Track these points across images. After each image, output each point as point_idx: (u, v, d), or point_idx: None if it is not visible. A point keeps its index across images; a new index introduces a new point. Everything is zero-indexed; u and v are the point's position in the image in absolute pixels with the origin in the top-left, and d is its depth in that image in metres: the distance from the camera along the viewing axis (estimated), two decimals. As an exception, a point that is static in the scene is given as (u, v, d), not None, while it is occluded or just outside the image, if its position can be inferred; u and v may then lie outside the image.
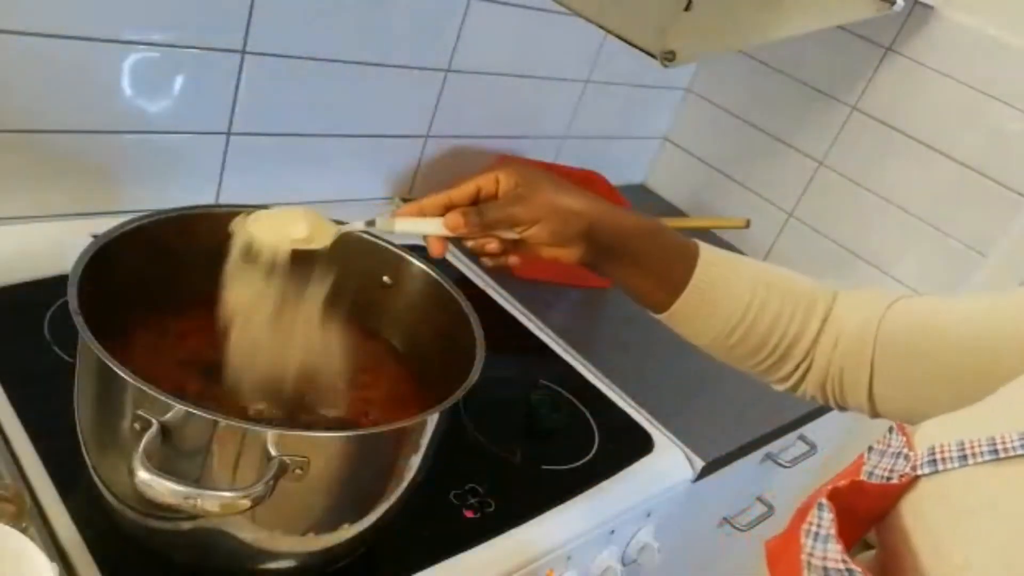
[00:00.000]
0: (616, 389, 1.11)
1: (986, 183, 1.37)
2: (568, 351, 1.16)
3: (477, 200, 0.68)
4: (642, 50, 1.00)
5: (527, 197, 0.66)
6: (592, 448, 0.99)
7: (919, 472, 0.46)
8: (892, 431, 0.50)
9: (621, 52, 1.05)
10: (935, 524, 0.45)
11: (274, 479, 0.56)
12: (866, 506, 0.48)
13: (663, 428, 1.06)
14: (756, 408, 1.17)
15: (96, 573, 0.64)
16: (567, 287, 1.29)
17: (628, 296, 0.72)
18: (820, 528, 0.45)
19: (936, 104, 1.40)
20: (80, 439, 0.66)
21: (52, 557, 0.57)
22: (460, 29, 1.22)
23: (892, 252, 1.49)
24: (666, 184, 1.80)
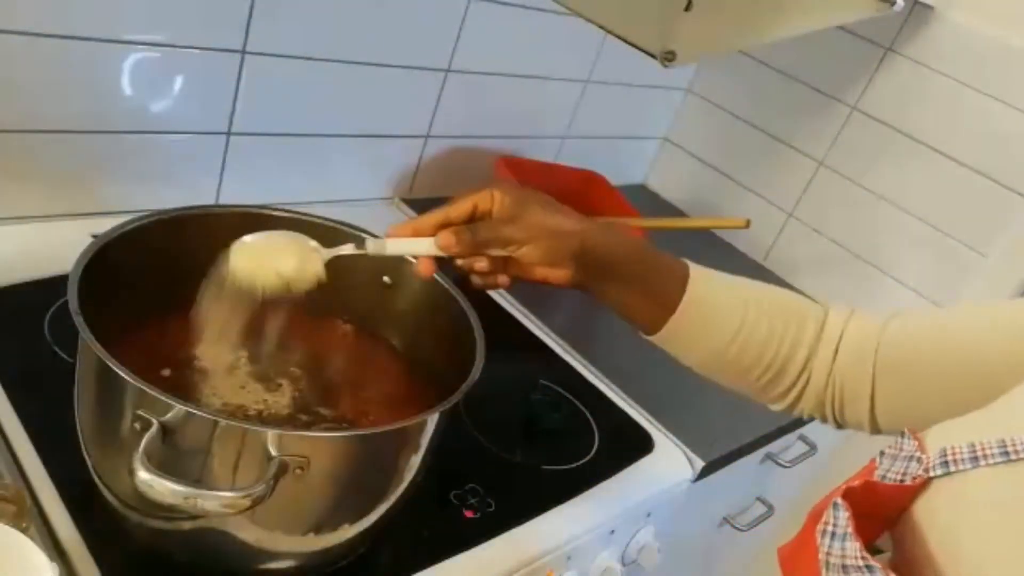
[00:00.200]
0: (616, 389, 1.11)
1: (986, 183, 1.37)
2: (568, 351, 1.16)
3: (473, 218, 0.68)
4: (642, 50, 1.00)
5: (520, 217, 0.67)
6: (592, 448, 0.99)
7: (932, 474, 0.47)
8: (904, 435, 0.51)
9: (621, 52, 1.05)
10: (949, 525, 0.46)
11: (274, 479, 0.56)
12: (879, 507, 0.48)
13: (663, 428, 1.06)
14: (756, 408, 1.16)
15: (96, 573, 0.64)
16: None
17: (620, 317, 0.72)
18: (836, 527, 0.46)
19: (936, 104, 1.40)
20: (80, 439, 0.66)
21: (52, 557, 0.57)
22: (460, 29, 1.22)
23: (892, 252, 1.49)
24: (666, 184, 1.80)
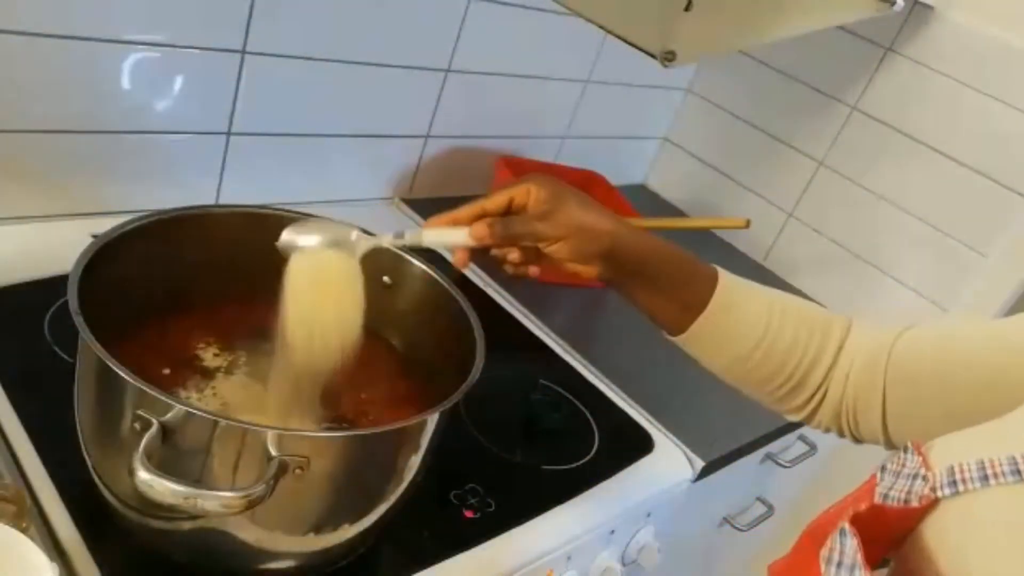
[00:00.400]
0: (616, 389, 1.11)
1: (986, 183, 1.37)
2: (568, 351, 1.16)
3: (509, 211, 0.69)
4: (642, 50, 1.00)
5: (552, 214, 0.68)
6: (592, 448, 0.99)
7: (939, 494, 0.45)
8: (907, 451, 0.49)
9: (621, 52, 1.05)
10: (959, 546, 0.44)
11: (274, 479, 0.56)
12: (886, 530, 0.47)
13: (663, 428, 1.06)
14: (756, 408, 1.16)
15: (96, 573, 0.64)
16: (567, 287, 1.29)
17: (645, 317, 0.73)
18: (844, 556, 0.45)
19: (936, 104, 1.40)
20: (80, 439, 0.66)
21: (52, 557, 0.57)
22: (460, 29, 1.22)
23: (892, 252, 1.49)
24: (666, 184, 1.80)
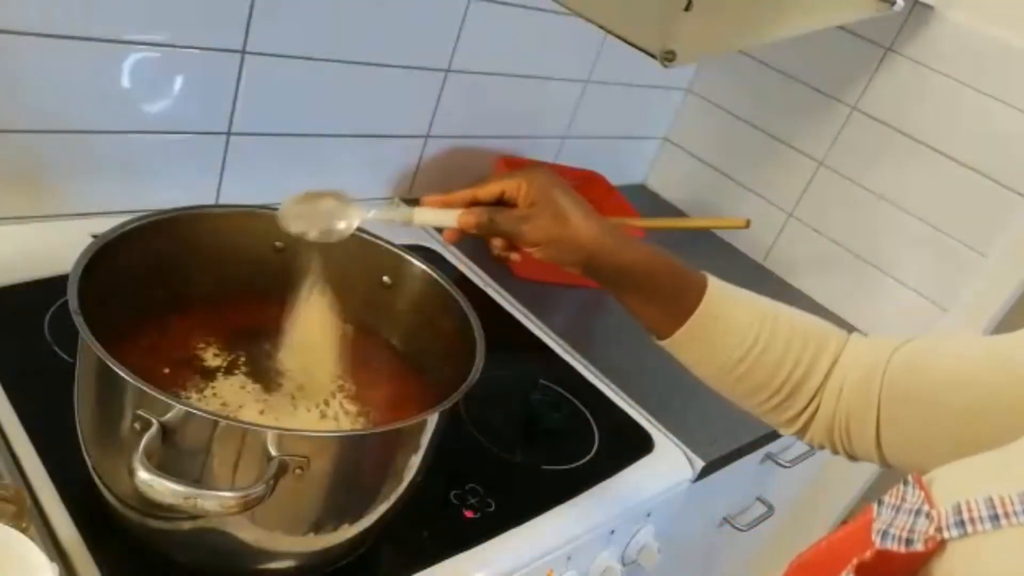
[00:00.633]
0: (616, 389, 1.11)
1: (986, 183, 1.37)
2: (568, 351, 1.16)
3: (501, 200, 0.71)
4: (642, 50, 1.00)
5: (534, 219, 0.69)
6: (592, 448, 0.99)
7: (946, 535, 0.41)
8: (908, 483, 0.46)
9: (621, 52, 1.05)
10: None
11: (274, 479, 0.56)
12: (889, 574, 0.44)
13: (663, 428, 1.06)
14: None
15: (96, 573, 0.64)
16: (567, 287, 1.29)
17: (630, 316, 0.73)
18: None
19: (936, 104, 1.40)
20: (80, 439, 0.66)
21: (52, 557, 0.57)
22: (460, 29, 1.22)
23: (892, 252, 1.49)
24: (666, 184, 1.80)
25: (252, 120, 1.07)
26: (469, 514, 0.84)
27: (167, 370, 0.73)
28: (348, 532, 0.67)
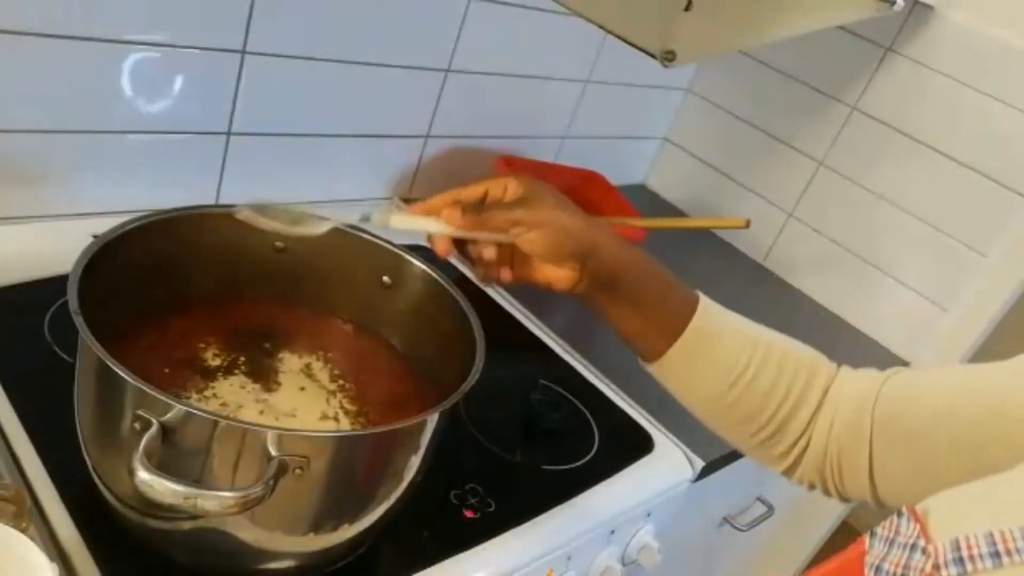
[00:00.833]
0: (616, 389, 1.11)
1: (986, 183, 1.37)
2: (568, 351, 1.16)
3: (483, 203, 0.66)
4: (642, 50, 1.00)
5: (529, 201, 0.64)
6: (592, 448, 0.99)
7: (944, 574, 0.39)
8: (902, 515, 0.43)
9: (621, 52, 1.05)
10: None
11: (274, 479, 0.56)
12: None
13: (663, 428, 1.06)
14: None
15: (96, 573, 0.64)
16: (567, 287, 1.29)
17: (619, 337, 0.70)
18: None
19: (936, 104, 1.40)
20: (80, 439, 0.66)
21: (52, 557, 0.57)
22: (460, 29, 1.22)
23: (892, 252, 1.49)
24: (666, 184, 1.80)
25: (252, 120, 1.07)
26: (469, 514, 0.84)
27: (167, 370, 0.73)
28: (348, 532, 0.67)
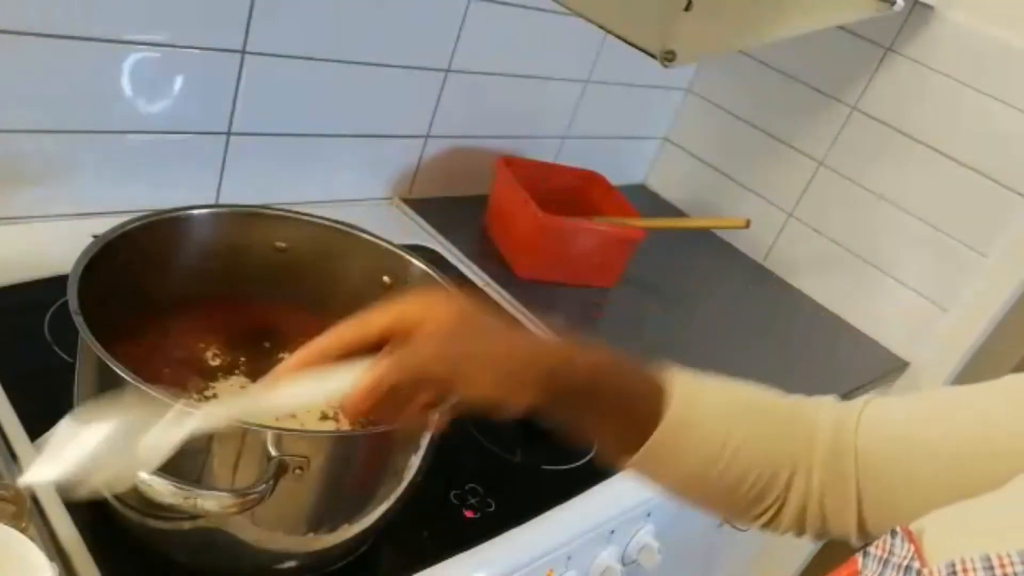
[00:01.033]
0: (616, 389, 1.10)
1: (986, 183, 1.37)
2: (568, 351, 1.15)
3: (391, 337, 0.55)
4: (642, 50, 1.00)
5: (470, 335, 0.55)
6: (592, 448, 0.99)
7: None
8: (895, 535, 0.42)
9: (621, 52, 1.05)
10: None
11: (274, 479, 0.56)
12: None
13: (663, 428, 1.06)
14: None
15: (96, 573, 0.64)
16: (567, 287, 1.29)
17: (585, 444, 0.65)
18: None
19: (936, 104, 1.40)
20: (80, 439, 0.65)
21: (52, 557, 0.57)
22: (460, 29, 1.22)
23: (892, 252, 1.49)
24: (666, 184, 1.80)
25: (252, 120, 1.07)
26: (469, 514, 0.84)
27: (167, 370, 0.73)
28: (348, 532, 0.67)
